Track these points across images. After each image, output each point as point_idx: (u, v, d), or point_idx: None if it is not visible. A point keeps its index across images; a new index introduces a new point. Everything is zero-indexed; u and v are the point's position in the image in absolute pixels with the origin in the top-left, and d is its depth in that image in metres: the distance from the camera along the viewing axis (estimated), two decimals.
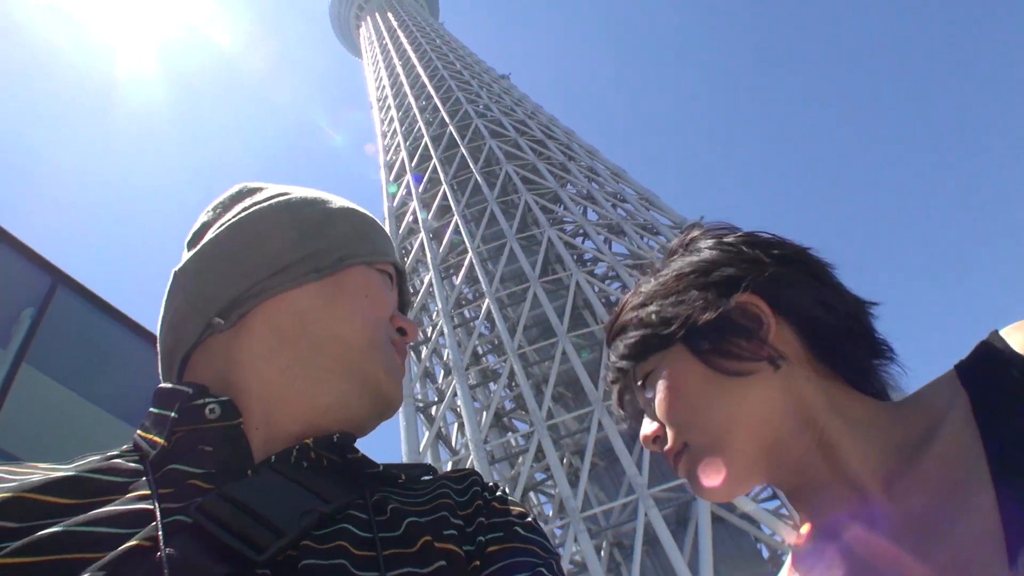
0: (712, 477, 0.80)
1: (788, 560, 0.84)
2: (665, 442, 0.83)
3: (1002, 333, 0.74)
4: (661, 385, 0.83)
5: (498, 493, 0.79)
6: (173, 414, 0.71)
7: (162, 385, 0.76)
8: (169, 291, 0.82)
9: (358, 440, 0.79)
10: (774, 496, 20.54)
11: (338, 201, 0.91)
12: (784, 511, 19.81)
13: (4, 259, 6.77)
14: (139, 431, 0.74)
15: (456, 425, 27.98)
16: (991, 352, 0.74)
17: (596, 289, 28.15)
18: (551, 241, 29.59)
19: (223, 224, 0.84)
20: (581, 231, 31.58)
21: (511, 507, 0.76)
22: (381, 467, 0.76)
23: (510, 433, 27.31)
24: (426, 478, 0.79)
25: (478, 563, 0.67)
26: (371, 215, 0.94)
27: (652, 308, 0.85)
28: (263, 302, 0.79)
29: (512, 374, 25.48)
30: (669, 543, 18.10)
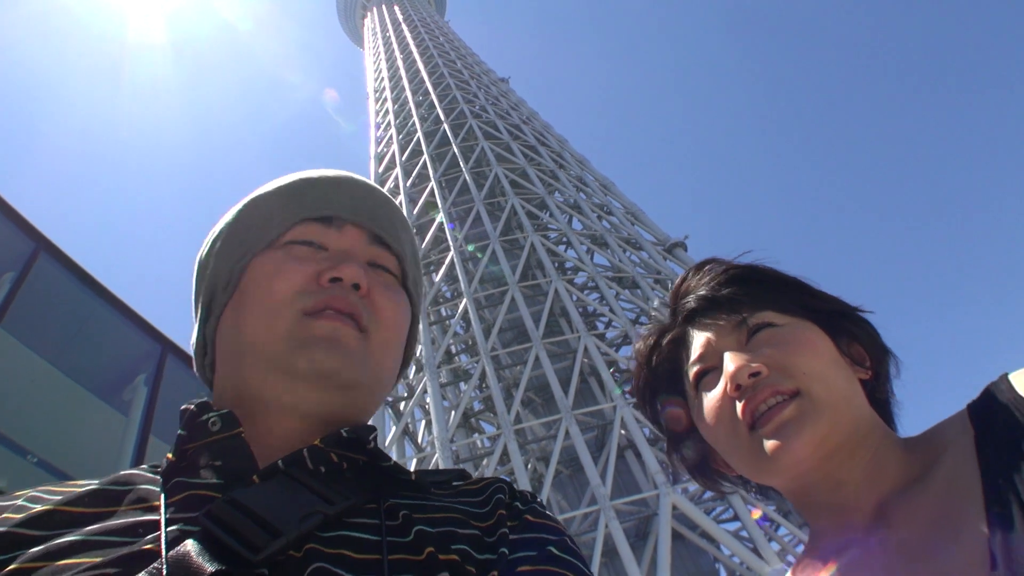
0: (817, 426, 0.84)
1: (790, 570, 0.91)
2: (766, 381, 0.87)
3: (1011, 377, 0.81)
4: (797, 336, 0.91)
5: (532, 504, 0.76)
6: (181, 431, 0.76)
7: (183, 407, 0.79)
8: None
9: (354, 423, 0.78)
10: (735, 518, 20.67)
11: (274, 183, 0.90)
12: (744, 533, 19.97)
13: None
14: (169, 452, 0.78)
15: (424, 422, 27.88)
16: (999, 394, 0.81)
17: (574, 298, 28.21)
18: (534, 247, 29.57)
19: None
20: (565, 239, 31.59)
21: (546, 522, 0.73)
22: (392, 463, 0.76)
23: (477, 434, 27.23)
24: (457, 483, 0.81)
25: (496, 574, 0.66)
26: (313, 175, 0.89)
27: (807, 283, 0.99)
28: (217, 326, 0.85)
29: (484, 375, 25.40)
30: (628, 556, 18.12)
